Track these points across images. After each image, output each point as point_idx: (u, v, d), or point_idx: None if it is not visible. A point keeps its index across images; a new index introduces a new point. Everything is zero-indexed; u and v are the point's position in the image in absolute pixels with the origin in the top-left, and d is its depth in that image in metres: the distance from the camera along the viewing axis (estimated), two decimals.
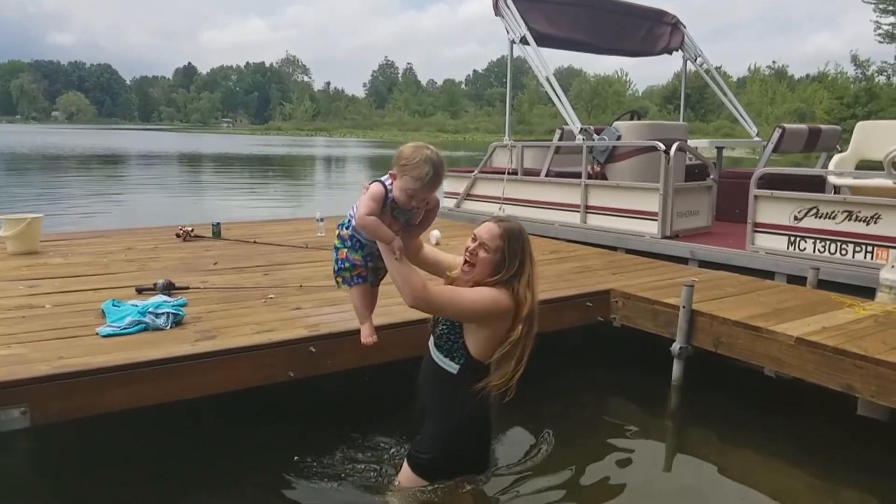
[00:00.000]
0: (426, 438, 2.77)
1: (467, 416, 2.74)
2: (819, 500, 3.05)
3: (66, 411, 2.81)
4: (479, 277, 2.68)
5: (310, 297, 4.17)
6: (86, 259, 5.26)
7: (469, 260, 2.67)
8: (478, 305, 2.62)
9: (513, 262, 2.65)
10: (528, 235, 2.73)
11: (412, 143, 2.66)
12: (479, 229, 2.70)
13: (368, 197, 2.60)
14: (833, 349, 3.37)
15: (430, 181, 2.56)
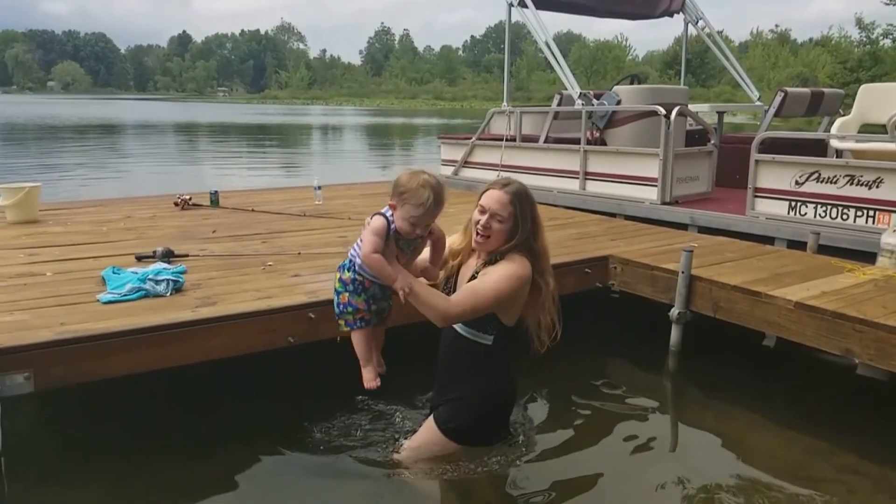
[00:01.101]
0: (459, 405, 2.76)
1: (505, 381, 2.81)
2: (815, 463, 3.09)
3: (69, 376, 2.83)
4: (493, 247, 2.67)
5: (308, 265, 4.17)
6: (85, 228, 5.25)
7: (483, 233, 2.64)
8: (503, 293, 2.60)
9: (525, 224, 2.65)
10: (527, 188, 2.73)
11: (407, 170, 2.63)
12: (486, 200, 2.65)
13: (370, 232, 2.55)
14: (832, 313, 3.37)
15: (432, 206, 2.53)
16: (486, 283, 2.61)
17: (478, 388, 2.75)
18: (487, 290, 2.60)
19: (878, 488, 2.89)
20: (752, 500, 2.79)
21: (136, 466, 2.96)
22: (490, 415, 2.85)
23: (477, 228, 2.66)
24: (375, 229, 2.54)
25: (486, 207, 2.64)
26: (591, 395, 3.78)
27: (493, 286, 2.60)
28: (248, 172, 15.97)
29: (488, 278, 2.62)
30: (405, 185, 2.54)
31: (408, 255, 2.67)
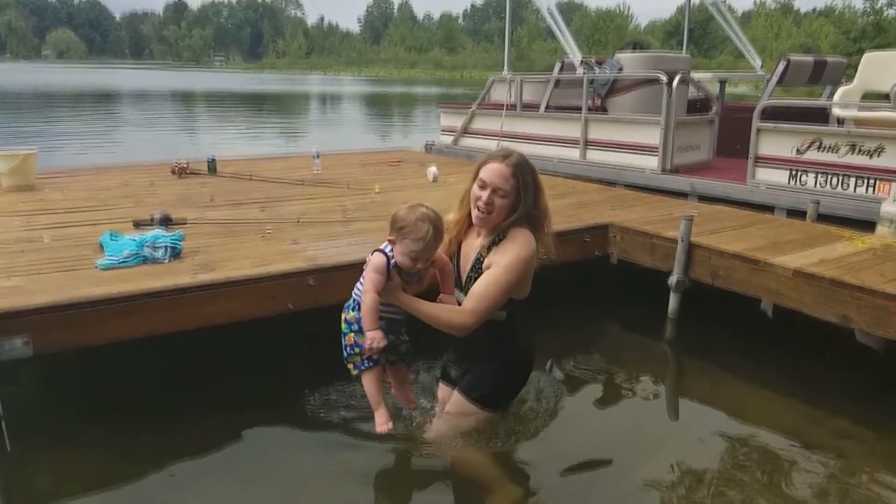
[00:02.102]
0: (483, 376, 2.76)
1: (523, 346, 2.82)
2: (810, 428, 3.12)
3: (67, 341, 2.84)
4: (495, 222, 2.63)
5: (307, 232, 4.16)
6: (82, 194, 5.22)
7: (485, 210, 2.59)
8: (513, 282, 2.59)
9: (527, 195, 2.61)
10: (526, 157, 2.69)
11: (405, 205, 2.58)
12: (487, 174, 2.58)
13: (370, 269, 2.52)
14: (830, 280, 3.38)
15: (432, 240, 2.49)
16: (495, 280, 2.57)
17: (500, 358, 2.76)
18: (499, 288, 2.57)
19: (872, 453, 2.93)
20: (748, 464, 2.82)
21: (135, 430, 2.98)
22: (514, 380, 2.88)
23: (478, 205, 2.60)
24: (375, 266, 2.51)
25: (487, 182, 2.58)
26: (590, 361, 3.81)
27: (503, 282, 2.57)
28: (246, 141, 15.86)
29: (497, 274, 2.57)
30: (403, 219, 2.49)
31: (414, 286, 2.64)
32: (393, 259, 2.52)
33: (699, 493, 2.60)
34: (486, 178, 2.58)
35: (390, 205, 5.05)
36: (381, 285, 2.49)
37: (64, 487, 2.60)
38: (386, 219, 4.48)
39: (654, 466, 2.74)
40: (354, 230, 4.24)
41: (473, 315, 2.55)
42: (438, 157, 8.20)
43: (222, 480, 2.68)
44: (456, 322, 2.57)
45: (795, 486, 2.66)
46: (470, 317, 2.56)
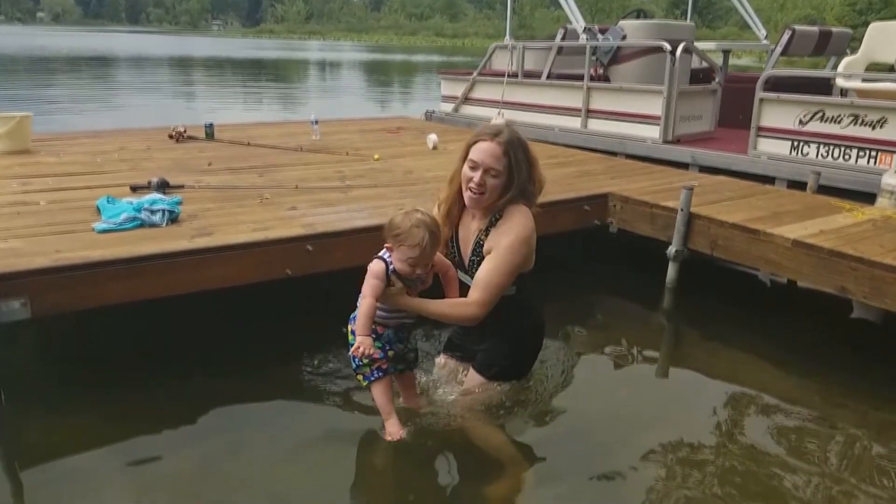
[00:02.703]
0: (498, 352, 2.74)
1: (535, 317, 2.82)
2: (804, 398, 3.14)
3: (65, 303, 2.84)
4: (489, 203, 2.59)
5: (305, 198, 4.14)
6: (79, 158, 5.18)
7: (477, 191, 2.55)
8: (517, 262, 2.56)
9: (520, 173, 2.57)
10: (517, 132, 2.63)
11: (400, 211, 2.53)
12: (478, 154, 2.52)
13: (369, 275, 2.50)
14: (829, 251, 3.38)
15: (428, 245, 2.44)
16: (497, 265, 2.54)
17: (513, 333, 2.75)
18: (503, 272, 2.55)
19: (864, 424, 2.95)
20: (742, 433, 2.85)
21: (131, 393, 2.99)
22: (529, 352, 2.89)
23: (470, 186, 2.55)
24: (373, 273, 2.49)
25: (478, 162, 2.52)
26: (588, 330, 3.82)
27: (506, 265, 2.54)
28: (244, 107, 15.73)
29: (498, 259, 2.54)
30: (399, 226, 2.45)
31: (417, 289, 2.61)
32: (392, 265, 2.50)
33: (695, 460, 2.63)
34: (476, 158, 2.53)
35: (390, 172, 5.04)
36: (380, 291, 2.48)
37: (60, 448, 2.62)
38: (385, 186, 4.55)
39: (653, 436, 2.76)
40: (353, 197, 4.22)
41: (481, 305, 2.54)
42: (438, 125, 8.13)
43: (217, 444, 2.69)
44: (466, 315, 2.57)
45: (789, 454, 2.69)
46: (478, 307, 2.54)
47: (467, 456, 2.63)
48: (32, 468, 2.54)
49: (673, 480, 2.49)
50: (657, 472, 2.53)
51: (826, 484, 2.51)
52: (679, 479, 2.50)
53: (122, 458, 2.58)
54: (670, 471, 2.54)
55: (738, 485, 2.48)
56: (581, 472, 2.57)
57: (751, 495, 2.41)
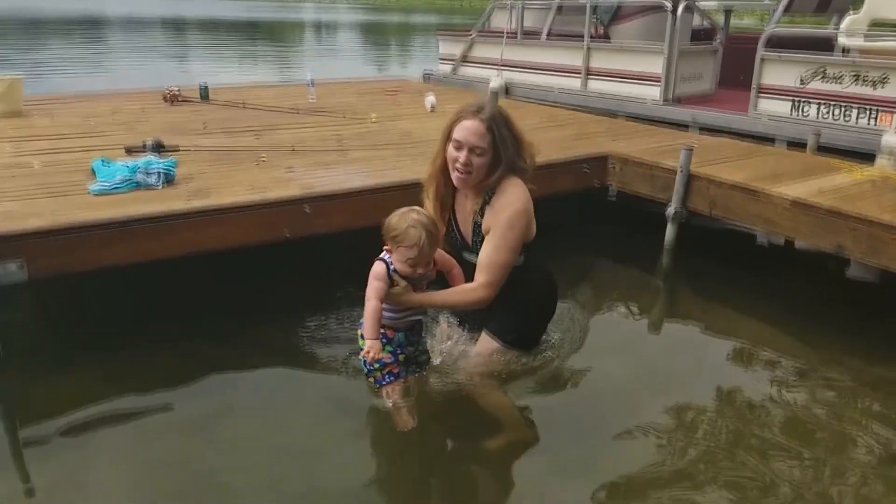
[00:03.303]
0: (511, 319, 2.72)
1: (545, 283, 2.82)
2: (801, 356, 3.17)
3: (62, 265, 2.83)
4: (477, 181, 2.54)
5: (302, 160, 4.10)
6: (72, 120, 5.13)
7: (464, 171, 2.50)
8: (519, 235, 2.54)
9: (506, 149, 2.51)
10: (501, 107, 2.56)
11: (396, 211, 2.49)
12: (461, 133, 2.47)
13: (371, 277, 2.50)
14: (827, 210, 3.37)
15: (426, 244, 2.41)
16: (498, 245, 2.52)
17: (526, 301, 2.74)
18: (505, 251, 2.53)
19: (859, 381, 2.98)
20: (739, 391, 2.88)
21: (130, 355, 3.01)
22: (543, 317, 2.89)
23: (456, 167, 2.51)
24: (375, 274, 2.48)
25: (462, 141, 2.47)
26: (586, 291, 3.82)
27: (507, 243, 2.52)
28: (239, 69, 15.51)
29: (498, 238, 2.52)
30: (395, 227, 2.43)
31: (423, 286, 2.59)
32: (392, 266, 2.49)
33: (694, 418, 2.65)
34: (460, 137, 2.48)
35: (387, 134, 4.99)
36: (383, 292, 2.47)
37: (59, 408, 2.63)
38: (383, 147, 4.51)
39: (652, 395, 2.79)
40: (351, 159, 4.19)
41: (488, 287, 2.53)
42: (437, 86, 8.03)
43: (213, 406, 2.70)
44: (475, 299, 2.56)
45: (785, 410, 2.72)
46: (486, 290, 2.54)
47: (478, 422, 2.64)
48: (30, 427, 2.56)
49: (673, 440, 2.51)
50: (657, 432, 2.55)
51: (823, 439, 2.55)
52: (678, 438, 2.53)
53: (119, 417, 2.60)
54: (670, 430, 2.57)
55: (735, 442, 2.51)
56: (587, 434, 2.59)
57: (748, 451, 2.44)
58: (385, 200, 3.51)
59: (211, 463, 2.39)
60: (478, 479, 2.41)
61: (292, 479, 2.31)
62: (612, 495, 2.25)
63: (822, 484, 2.29)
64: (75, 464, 2.35)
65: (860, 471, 2.38)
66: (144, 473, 2.32)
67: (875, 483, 2.32)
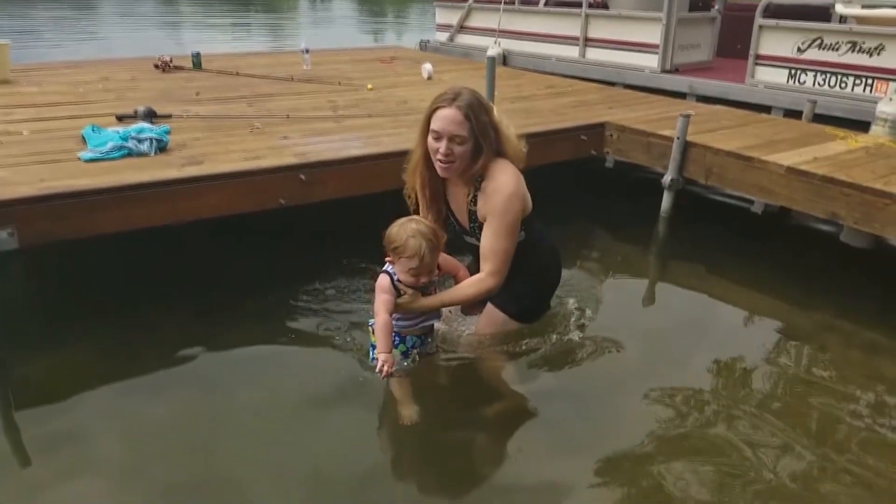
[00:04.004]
0: (516, 292, 2.69)
1: (549, 256, 2.81)
2: (794, 320, 3.20)
3: (54, 233, 2.81)
4: (461, 169, 2.50)
5: (297, 128, 4.07)
6: (60, 88, 5.06)
7: (446, 161, 2.46)
8: (515, 217, 2.51)
9: (487, 136, 2.46)
10: (478, 94, 2.51)
11: (395, 222, 2.45)
12: (439, 124, 2.42)
13: (378, 291, 2.49)
14: (822, 177, 3.37)
15: (427, 253, 2.39)
16: (497, 231, 2.50)
17: (530, 273, 2.72)
18: (505, 236, 2.51)
19: (850, 344, 3.02)
20: (731, 355, 2.90)
21: (123, 325, 3.00)
22: (547, 290, 2.89)
23: (438, 157, 2.47)
24: (381, 287, 2.47)
25: (440, 132, 2.43)
26: (582, 256, 3.83)
27: (506, 227, 2.50)
28: (231, 37, 15.30)
29: (496, 224, 2.50)
30: (395, 239, 2.41)
31: (432, 290, 2.58)
32: (396, 277, 2.48)
33: (690, 385, 2.67)
34: (438, 127, 2.44)
35: (383, 102, 4.95)
36: (391, 304, 2.47)
37: (51, 379, 2.64)
38: (379, 116, 4.47)
39: (649, 365, 2.80)
40: (346, 127, 4.16)
41: (495, 274, 2.53)
42: (433, 54, 7.94)
43: (207, 375, 2.71)
44: (485, 289, 2.55)
45: (779, 376, 2.75)
46: (493, 277, 2.53)
47: (480, 394, 2.65)
48: (22, 399, 2.56)
49: (672, 409, 2.53)
50: (656, 402, 2.56)
51: (817, 403, 2.58)
52: (677, 407, 2.55)
53: (113, 388, 2.60)
54: (669, 400, 2.58)
55: (732, 408, 2.53)
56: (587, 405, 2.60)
57: (745, 418, 2.47)
58: (381, 168, 3.51)
59: (205, 434, 2.39)
60: (479, 452, 2.42)
61: (288, 451, 2.30)
62: (613, 468, 2.25)
63: (816, 447, 2.32)
64: (67, 433, 2.35)
65: (854, 431, 2.42)
66: (138, 444, 2.32)
67: (865, 442, 2.36)
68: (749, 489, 2.12)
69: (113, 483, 2.15)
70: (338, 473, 2.21)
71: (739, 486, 2.13)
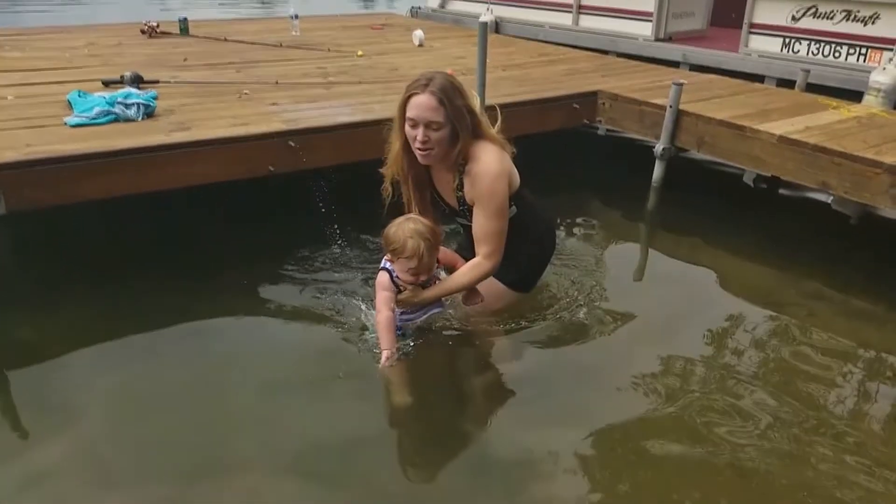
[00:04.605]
0: (514, 263, 2.68)
1: (542, 227, 2.81)
2: (782, 289, 3.22)
3: (41, 199, 2.78)
4: (442, 155, 2.46)
5: (286, 94, 4.02)
6: (45, 53, 4.97)
7: (424, 148, 2.42)
8: (503, 197, 2.49)
9: (462, 121, 2.42)
10: (451, 76, 2.47)
11: (393, 222, 2.44)
12: (414, 111, 2.38)
13: (378, 288, 2.51)
14: (813, 146, 3.37)
15: (426, 253, 2.38)
16: (487, 214, 2.49)
17: (524, 245, 2.71)
18: (496, 217, 2.50)
19: (838, 312, 3.05)
20: (722, 324, 2.93)
21: (113, 291, 2.99)
22: (542, 260, 2.89)
23: (417, 146, 2.43)
24: (381, 285, 2.50)
25: (416, 119, 2.39)
26: (574, 229, 3.83)
27: (495, 209, 2.49)
28: (218, 2, 14.99)
29: (485, 207, 2.48)
30: (394, 239, 2.40)
31: (432, 282, 2.58)
32: (395, 274, 2.49)
33: (680, 356, 2.69)
34: (413, 115, 2.40)
35: (374, 69, 4.89)
36: (392, 300, 2.49)
37: (40, 345, 2.64)
38: (370, 82, 4.43)
39: (640, 335, 2.82)
40: (336, 93, 4.11)
41: (493, 255, 2.54)
42: (425, 21, 7.82)
43: (196, 344, 2.71)
44: (485, 272, 2.56)
45: (768, 340, 2.79)
46: (490, 259, 2.54)
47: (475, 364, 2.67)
48: (9, 362, 2.56)
49: (662, 378, 2.55)
50: (648, 372, 2.58)
51: (805, 370, 2.61)
52: (668, 376, 2.57)
53: (100, 351, 2.61)
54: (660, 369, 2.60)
55: (719, 373, 2.57)
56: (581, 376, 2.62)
57: (736, 386, 2.50)
58: (373, 135, 3.41)
59: (192, 397, 2.40)
60: (473, 424, 2.42)
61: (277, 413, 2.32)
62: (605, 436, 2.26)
63: (805, 412, 2.36)
64: (55, 395, 2.37)
65: (841, 397, 2.46)
66: (125, 406, 2.33)
67: (853, 407, 2.41)
68: (740, 455, 2.15)
69: (100, 443, 2.17)
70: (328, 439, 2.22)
71: (729, 451, 2.17)
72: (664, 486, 2.06)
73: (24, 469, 2.07)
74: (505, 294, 2.77)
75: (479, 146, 2.49)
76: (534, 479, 2.08)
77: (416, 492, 2.09)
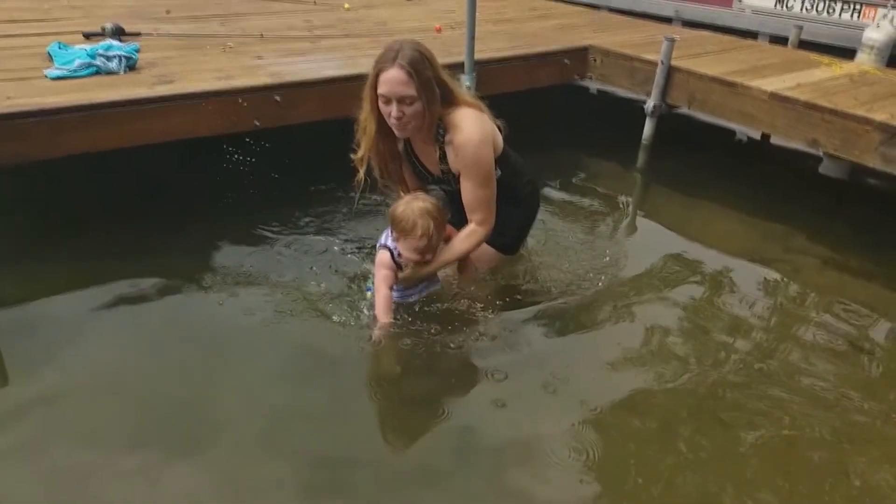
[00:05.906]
0: (503, 227, 2.65)
1: (528, 189, 2.78)
2: (769, 245, 3.25)
3: (23, 153, 2.73)
4: (419, 126, 2.40)
5: (271, 47, 3.94)
6: (23, 4, 4.83)
7: (400, 124, 2.36)
8: (487, 163, 2.44)
9: (432, 89, 2.34)
10: (420, 44, 2.39)
11: (400, 201, 2.38)
12: (386, 88, 2.30)
13: (378, 266, 2.45)
14: (804, 104, 3.35)
15: (435, 232, 2.34)
16: (475, 182, 2.45)
17: (509, 207, 2.66)
18: (482, 183, 2.46)
19: (825, 267, 3.09)
20: (707, 278, 2.96)
21: (97, 247, 2.97)
22: (526, 222, 2.87)
23: (392, 122, 2.38)
24: (381, 263, 2.44)
25: (388, 95, 2.32)
26: (563, 187, 3.81)
27: (481, 176, 2.45)
28: None
29: (472, 176, 2.44)
30: (402, 218, 2.34)
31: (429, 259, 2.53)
32: (397, 250, 2.44)
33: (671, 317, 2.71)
34: (385, 91, 2.32)
35: (361, 22, 4.79)
36: (392, 280, 2.45)
37: (28, 298, 2.63)
38: (357, 36, 4.34)
39: (630, 298, 2.82)
40: (323, 47, 4.03)
41: (485, 221, 2.52)
42: None
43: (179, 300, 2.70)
44: (479, 239, 2.55)
45: (754, 299, 2.82)
46: (484, 225, 2.53)
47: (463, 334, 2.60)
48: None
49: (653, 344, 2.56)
50: (634, 327, 2.61)
51: (788, 322, 2.66)
52: (655, 329, 2.61)
53: (85, 306, 2.59)
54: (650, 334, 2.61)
55: (707, 330, 2.61)
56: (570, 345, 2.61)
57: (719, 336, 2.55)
58: (360, 90, 3.40)
59: (179, 354, 2.40)
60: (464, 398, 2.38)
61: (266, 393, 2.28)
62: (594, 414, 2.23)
63: (788, 367, 2.40)
64: (41, 349, 2.36)
65: (826, 351, 2.51)
66: (110, 361, 2.33)
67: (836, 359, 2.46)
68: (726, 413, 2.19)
69: (87, 399, 2.19)
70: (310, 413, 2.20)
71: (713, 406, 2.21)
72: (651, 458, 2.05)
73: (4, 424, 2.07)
74: (493, 257, 2.77)
75: (457, 114, 2.43)
76: (520, 456, 2.06)
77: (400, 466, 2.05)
